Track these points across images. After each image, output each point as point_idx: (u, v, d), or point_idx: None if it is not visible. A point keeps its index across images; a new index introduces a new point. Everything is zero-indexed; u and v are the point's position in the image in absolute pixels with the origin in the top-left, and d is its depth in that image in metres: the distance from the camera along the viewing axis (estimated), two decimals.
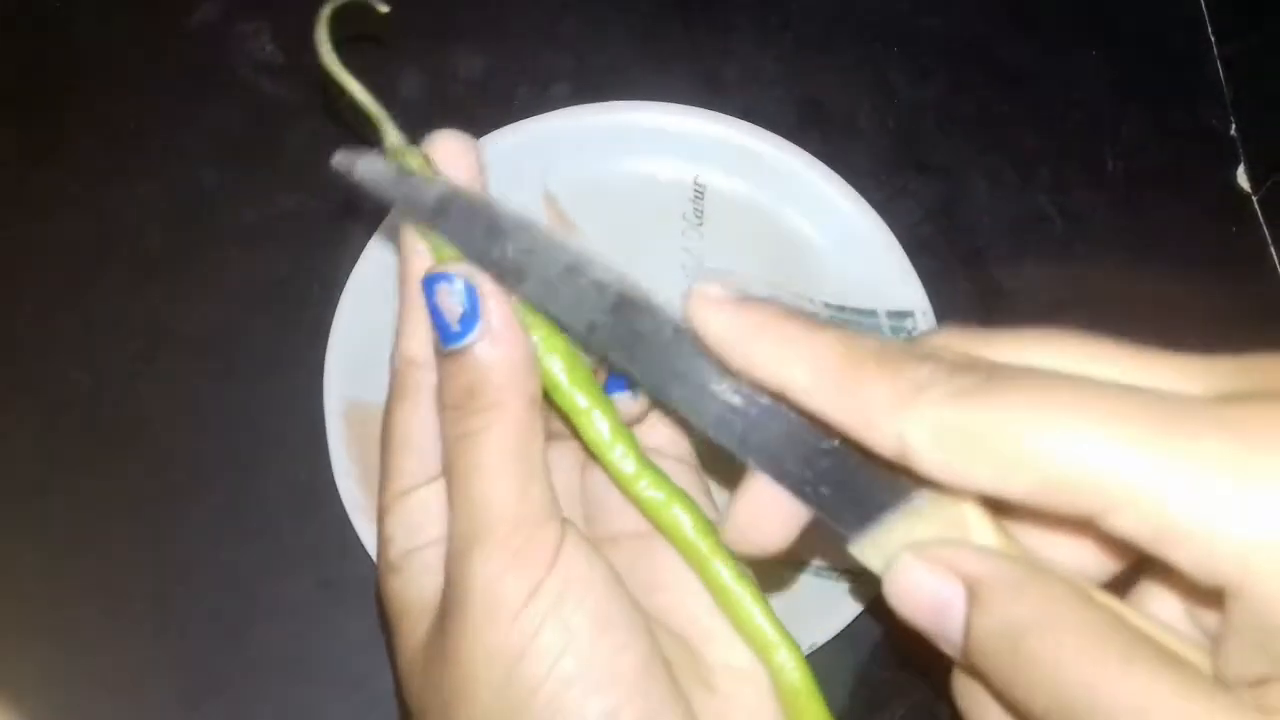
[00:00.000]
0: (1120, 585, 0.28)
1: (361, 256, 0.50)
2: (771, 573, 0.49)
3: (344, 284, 0.49)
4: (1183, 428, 0.22)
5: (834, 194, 0.52)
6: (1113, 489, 0.22)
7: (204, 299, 0.52)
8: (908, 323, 0.51)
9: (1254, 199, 0.57)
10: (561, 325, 0.30)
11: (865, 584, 0.48)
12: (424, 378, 0.31)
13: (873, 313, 0.51)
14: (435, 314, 0.30)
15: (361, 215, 0.52)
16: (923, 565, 0.26)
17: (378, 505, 0.32)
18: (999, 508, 0.26)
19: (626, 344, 0.29)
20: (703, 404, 0.28)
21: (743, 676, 0.31)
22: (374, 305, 0.49)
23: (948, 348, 0.26)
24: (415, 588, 0.31)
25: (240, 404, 0.51)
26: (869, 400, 0.25)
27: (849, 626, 0.47)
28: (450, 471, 0.30)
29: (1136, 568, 0.28)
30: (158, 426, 0.51)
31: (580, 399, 0.31)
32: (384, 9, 0.32)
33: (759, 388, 0.27)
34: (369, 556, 0.47)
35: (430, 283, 0.30)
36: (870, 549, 0.28)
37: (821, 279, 0.52)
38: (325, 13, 0.31)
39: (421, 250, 0.31)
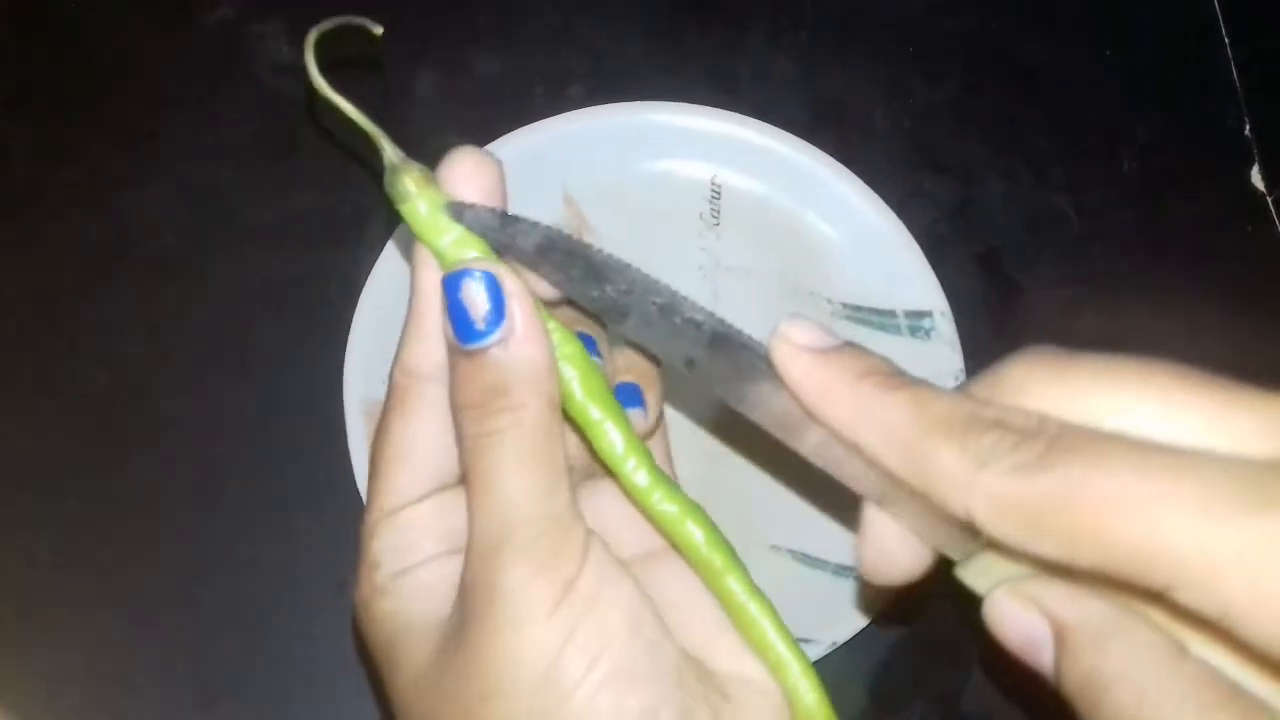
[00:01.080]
0: None
1: (381, 256, 0.50)
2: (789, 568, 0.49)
3: (362, 283, 0.49)
4: (1251, 503, 0.22)
5: (851, 194, 0.52)
6: (1176, 568, 0.22)
7: (221, 299, 0.52)
8: (925, 322, 0.51)
9: (1269, 199, 0.57)
10: (661, 358, 0.31)
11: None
12: (426, 390, 0.31)
13: (891, 312, 0.51)
14: (458, 311, 0.29)
15: (379, 214, 0.52)
16: (1015, 602, 0.26)
17: (361, 528, 0.31)
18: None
19: (725, 377, 0.30)
20: (801, 437, 0.29)
21: (756, 689, 0.31)
22: (393, 304, 0.49)
23: (1022, 390, 0.26)
24: (414, 608, 0.30)
25: (258, 403, 0.51)
26: (935, 472, 0.25)
27: (870, 625, 0.47)
28: (471, 473, 0.29)
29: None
30: (175, 426, 0.51)
31: (594, 411, 0.31)
32: (377, 30, 0.31)
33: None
34: None
35: (455, 279, 0.29)
36: (974, 575, 0.28)
37: (839, 279, 0.52)
38: (312, 37, 0.31)
39: (433, 262, 0.30)
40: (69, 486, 0.50)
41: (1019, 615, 0.26)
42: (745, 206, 0.53)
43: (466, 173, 0.30)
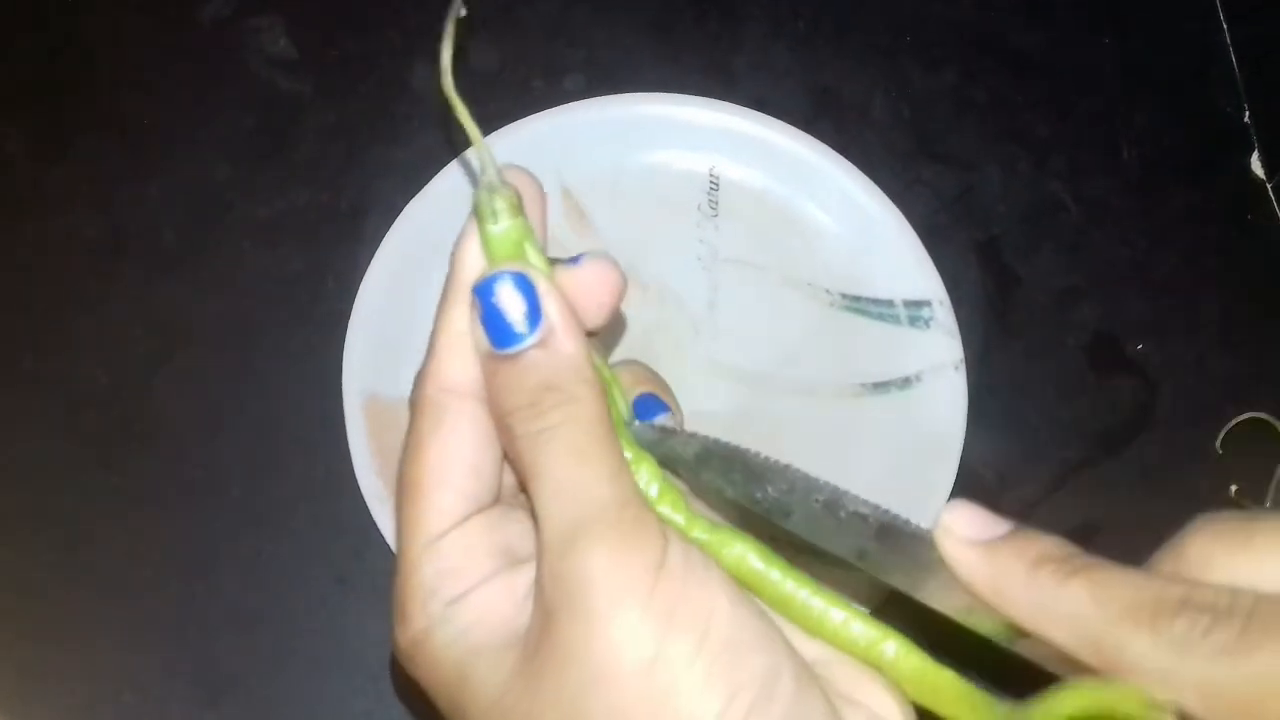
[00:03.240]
0: None
1: (378, 251, 0.50)
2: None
3: (359, 278, 0.49)
4: None
5: (849, 184, 0.52)
6: None
7: (220, 295, 0.52)
8: (924, 311, 0.51)
9: (1268, 186, 0.56)
10: (831, 552, 0.31)
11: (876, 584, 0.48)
12: (465, 406, 0.29)
13: (890, 302, 0.51)
14: (494, 317, 0.28)
15: (376, 209, 0.52)
16: None
17: (401, 560, 0.29)
18: None
19: (898, 568, 0.30)
20: (978, 620, 0.29)
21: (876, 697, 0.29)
22: (392, 300, 0.49)
23: (1207, 563, 0.26)
24: (481, 629, 0.28)
25: (257, 400, 0.51)
26: (1131, 663, 0.24)
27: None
28: (531, 472, 0.28)
29: None
30: (175, 423, 0.51)
31: (626, 452, 0.30)
32: (463, 12, 0.30)
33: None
34: (387, 552, 0.47)
35: (487, 285, 0.28)
36: None
37: (838, 269, 0.52)
38: (446, 55, 0.30)
39: (471, 270, 0.29)
40: (69, 486, 0.50)
41: None
42: (743, 197, 0.53)
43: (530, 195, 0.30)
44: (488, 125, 0.51)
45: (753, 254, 0.52)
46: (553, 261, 0.30)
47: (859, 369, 0.51)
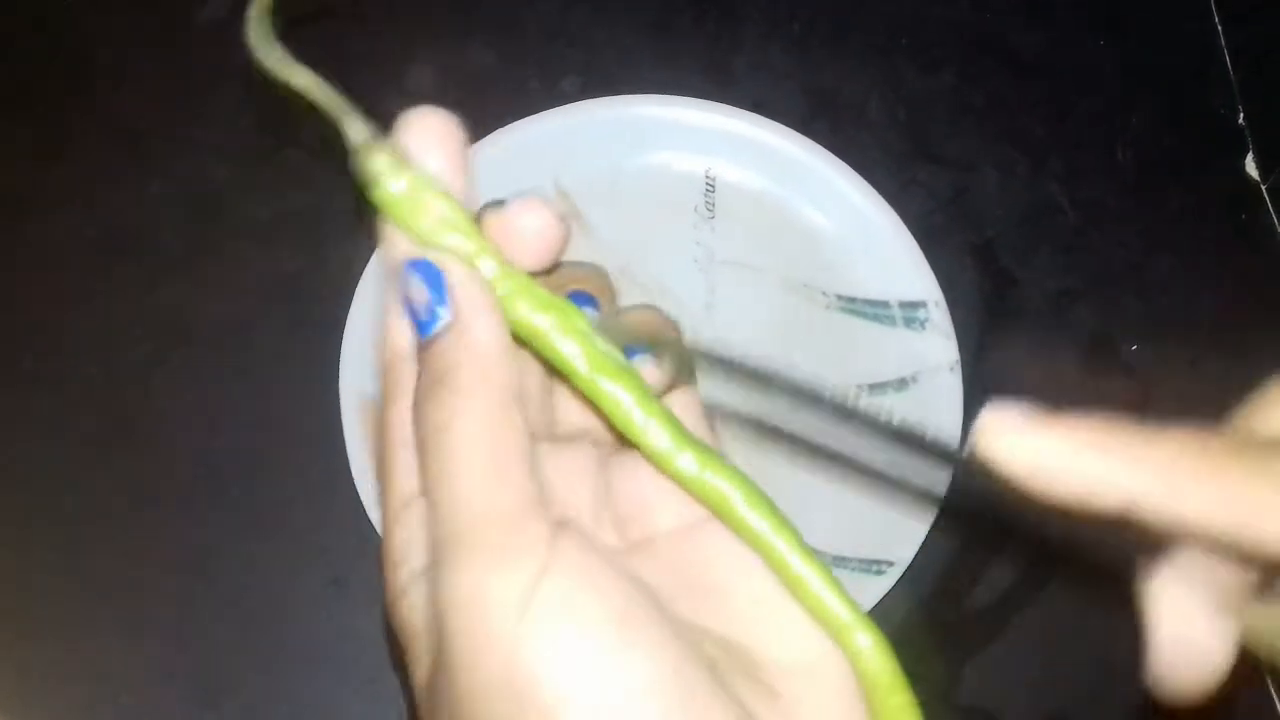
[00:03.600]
0: None
1: (375, 251, 0.50)
2: None
3: (356, 279, 0.50)
4: None
5: (845, 185, 0.52)
6: None
7: (217, 296, 0.52)
8: (920, 313, 0.51)
9: (1263, 187, 0.57)
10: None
11: (884, 575, 0.48)
12: (413, 372, 0.28)
13: (885, 304, 0.51)
14: (407, 305, 0.27)
15: (373, 210, 0.52)
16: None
17: (383, 519, 0.28)
18: None
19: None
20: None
21: (808, 675, 0.27)
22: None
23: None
24: (417, 618, 0.27)
25: (254, 401, 0.51)
26: (1249, 500, 0.23)
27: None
28: (424, 478, 0.26)
29: None
30: (172, 423, 0.51)
31: (603, 383, 0.28)
32: None
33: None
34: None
35: (405, 272, 0.27)
36: None
37: (834, 271, 0.52)
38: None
39: (399, 238, 0.28)
40: (67, 486, 0.50)
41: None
42: (740, 199, 0.53)
43: (431, 133, 0.27)
44: (484, 127, 0.51)
45: (749, 256, 0.52)
46: (482, 209, 0.28)
47: (855, 370, 0.51)
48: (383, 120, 0.30)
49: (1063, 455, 0.25)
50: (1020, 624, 0.51)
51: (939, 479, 0.48)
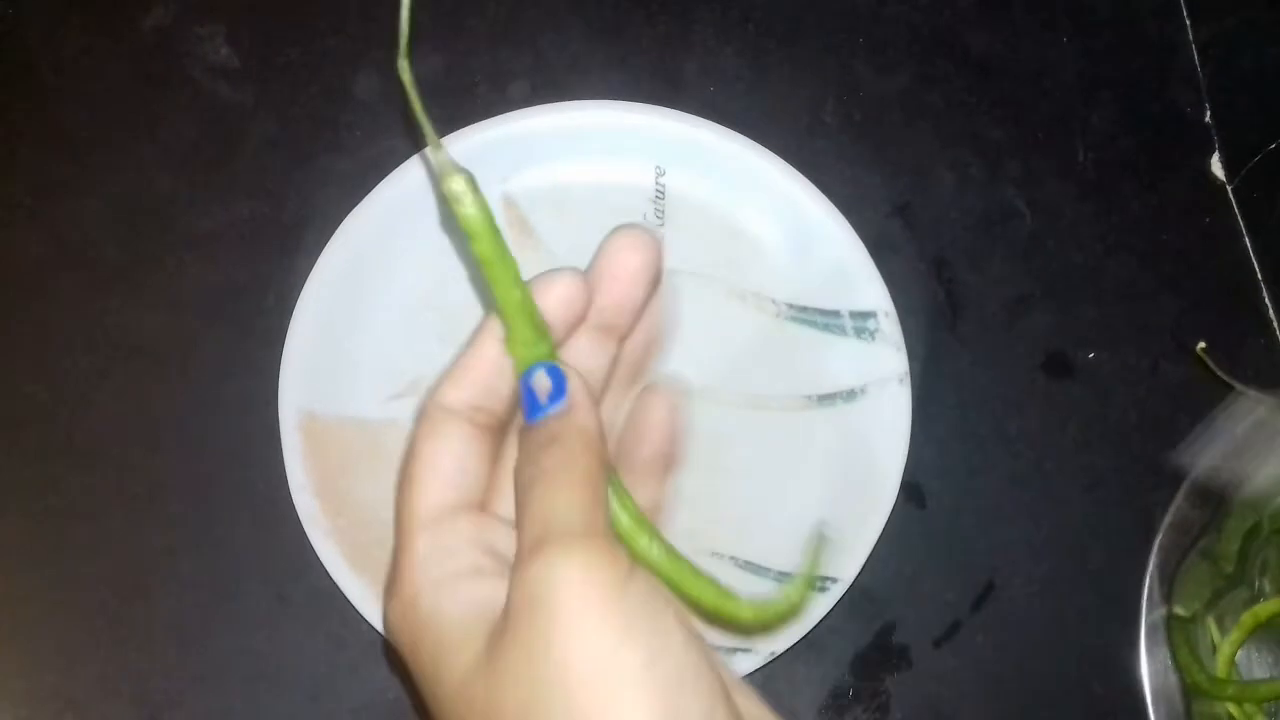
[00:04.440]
0: None
1: (316, 265, 0.49)
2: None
3: (298, 292, 0.49)
4: None
5: (796, 191, 0.51)
6: None
7: (160, 309, 0.52)
8: (870, 323, 0.50)
9: (1228, 188, 0.55)
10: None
11: (827, 591, 0.47)
12: (453, 425, 0.32)
13: (836, 313, 0.51)
14: (529, 395, 0.32)
15: (317, 221, 0.52)
16: None
17: (397, 537, 0.32)
18: None
19: None
20: None
21: None
22: (330, 315, 0.49)
23: None
24: (460, 610, 0.30)
25: (197, 415, 0.51)
26: None
27: (811, 635, 0.47)
28: (522, 500, 0.31)
29: None
30: (114, 439, 0.50)
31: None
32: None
33: None
34: (326, 571, 0.47)
35: (531, 372, 0.32)
36: None
37: (784, 279, 0.51)
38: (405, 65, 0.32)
39: (497, 332, 0.33)
40: (6, 502, 0.50)
41: None
42: (690, 207, 0.52)
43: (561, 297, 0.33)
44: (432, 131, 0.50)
45: (699, 264, 0.52)
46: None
47: (805, 381, 0.51)
48: (330, 130, 0.30)
49: None
50: (967, 637, 0.50)
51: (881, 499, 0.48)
